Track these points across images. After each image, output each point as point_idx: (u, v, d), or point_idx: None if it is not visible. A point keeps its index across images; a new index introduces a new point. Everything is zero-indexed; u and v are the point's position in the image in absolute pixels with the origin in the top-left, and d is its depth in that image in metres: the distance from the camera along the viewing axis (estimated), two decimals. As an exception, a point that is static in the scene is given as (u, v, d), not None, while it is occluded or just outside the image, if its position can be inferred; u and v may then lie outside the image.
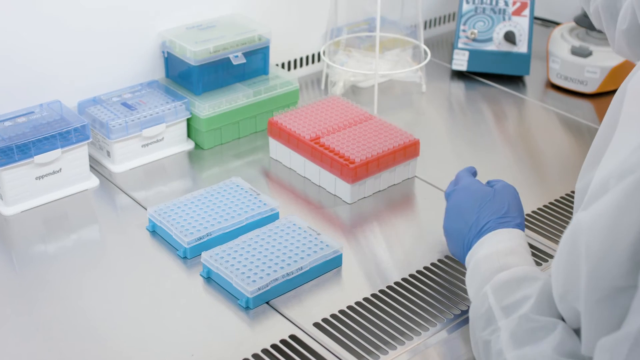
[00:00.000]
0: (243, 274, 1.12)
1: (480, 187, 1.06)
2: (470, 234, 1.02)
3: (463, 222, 1.03)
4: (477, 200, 1.03)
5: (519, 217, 1.02)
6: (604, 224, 0.69)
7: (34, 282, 1.16)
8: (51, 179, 1.32)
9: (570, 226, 0.74)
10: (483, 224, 1.00)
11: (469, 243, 1.02)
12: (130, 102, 1.47)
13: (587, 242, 0.70)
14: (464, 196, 1.05)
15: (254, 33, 1.54)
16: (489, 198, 1.03)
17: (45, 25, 1.40)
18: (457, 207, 1.05)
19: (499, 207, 1.01)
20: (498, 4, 1.79)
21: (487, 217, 1.01)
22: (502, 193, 1.04)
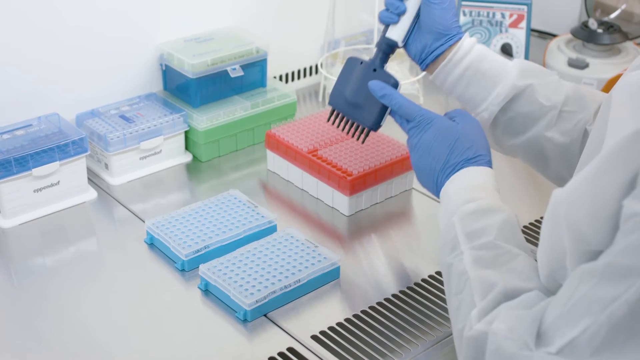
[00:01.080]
0: (241, 286, 1.12)
1: (446, 125, 1.07)
2: (442, 173, 1.04)
3: (434, 161, 1.05)
4: (446, 139, 1.05)
5: (487, 155, 1.05)
6: (582, 197, 0.73)
7: (32, 295, 1.16)
8: (49, 191, 1.33)
9: (550, 204, 0.78)
10: (454, 164, 1.03)
11: (441, 181, 1.04)
12: (128, 114, 1.47)
13: (566, 215, 0.74)
14: (433, 135, 1.06)
15: (252, 46, 1.54)
16: (456, 137, 1.05)
17: (43, 39, 1.41)
18: (426, 145, 1.06)
19: (468, 146, 1.04)
20: (495, 16, 1.79)
21: (456, 157, 1.04)
22: (468, 130, 1.06)
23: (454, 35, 1.15)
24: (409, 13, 1.16)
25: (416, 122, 1.09)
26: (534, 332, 0.77)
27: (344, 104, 1.20)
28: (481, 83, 1.14)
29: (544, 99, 1.13)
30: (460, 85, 1.16)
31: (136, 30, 1.52)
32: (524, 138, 1.14)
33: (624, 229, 0.68)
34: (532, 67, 1.16)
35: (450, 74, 1.15)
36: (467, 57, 1.14)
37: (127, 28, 1.50)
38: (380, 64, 1.18)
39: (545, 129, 1.12)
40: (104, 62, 1.50)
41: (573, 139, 1.11)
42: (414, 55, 1.17)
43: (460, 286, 0.89)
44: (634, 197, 0.67)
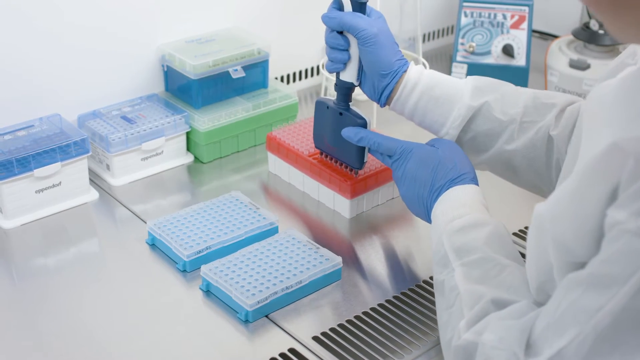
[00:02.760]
0: (242, 287, 1.12)
1: (426, 152, 1.10)
2: (430, 198, 1.06)
3: (421, 188, 1.08)
4: (428, 165, 1.08)
5: (471, 173, 1.07)
6: (565, 212, 0.73)
7: (33, 295, 1.16)
8: (51, 192, 1.33)
9: (533, 219, 0.79)
10: (439, 187, 1.05)
11: (430, 205, 1.07)
12: (130, 115, 1.47)
13: (550, 229, 0.75)
14: (415, 164, 1.09)
15: (253, 47, 1.54)
16: (437, 160, 1.07)
17: (45, 40, 1.41)
18: (411, 174, 1.09)
19: (450, 167, 1.06)
20: (496, 17, 1.79)
21: (441, 179, 1.06)
22: (448, 152, 1.08)
23: (396, 70, 1.16)
24: (353, 57, 1.19)
25: (397, 155, 1.12)
26: (523, 343, 0.77)
27: (327, 147, 1.27)
28: (437, 110, 1.16)
29: (500, 115, 1.14)
30: (417, 115, 1.18)
31: (138, 31, 1.52)
32: (490, 154, 1.16)
33: (607, 238, 0.68)
34: (485, 83, 1.17)
35: (404, 106, 1.18)
36: (417, 88, 1.16)
37: (128, 29, 1.51)
38: (344, 107, 1.22)
39: (507, 143, 1.14)
40: (106, 63, 1.50)
41: (537, 147, 1.12)
42: (370, 96, 1.20)
43: (451, 300, 0.91)
44: (617, 207, 0.67)
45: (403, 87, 1.16)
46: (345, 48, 1.18)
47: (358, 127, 1.19)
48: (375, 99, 1.19)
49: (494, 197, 1.19)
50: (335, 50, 1.18)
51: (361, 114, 1.21)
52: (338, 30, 1.17)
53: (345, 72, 1.20)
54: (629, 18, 0.67)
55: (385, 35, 1.16)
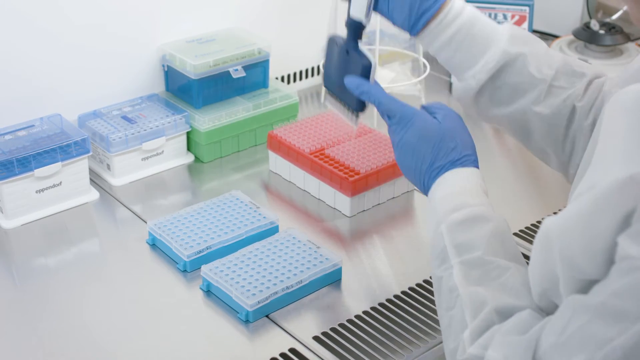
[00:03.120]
0: (243, 287, 1.12)
1: (428, 125, 1.03)
2: (428, 175, 1.01)
3: (419, 162, 1.01)
4: (430, 140, 1.01)
5: (472, 154, 1.02)
6: (575, 230, 0.71)
7: (34, 295, 1.16)
8: (51, 192, 1.33)
9: (540, 232, 0.77)
10: (439, 166, 1.00)
11: (427, 183, 1.01)
12: (130, 115, 1.47)
13: (560, 248, 0.73)
14: (415, 135, 1.02)
15: (254, 47, 1.54)
16: (440, 137, 1.01)
17: (45, 40, 1.41)
18: (409, 145, 1.02)
19: (452, 147, 1.00)
20: (497, 17, 1.79)
21: (442, 159, 1.00)
22: (451, 129, 1.02)
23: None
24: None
25: (397, 119, 1.04)
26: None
27: (333, 85, 1.18)
28: (471, 48, 1.07)
29: (535, 71, 1.07)
30: (448, 50, 1.08)
31: (138, 31, 1.52)
32: (510, 110, 1.09)
33: (618, 268, 0.67)
34: (523, 34, 1.10)
35: (438, 36, 1.07)
36: (459, 19, 1.06)
37: (129, 29, 1.51)
38: (352, 45, 1.13)
39: (533, 103, 1.07)
40: (106, 63, 1.50)
41: (561, 115, 1.07)
42: (402, 22, 1.09)
43: (452, 302, 0.88)
44: (629, 236, 0.66)
45: (446, 13, 1.05)
46: None
47: (361, 79, 1.10)
48: (408, 26, 1.08)
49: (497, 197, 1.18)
50: None
51: (368, 55, 1.11)
52: None
53: (355, 6, 1.11)
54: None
55: None
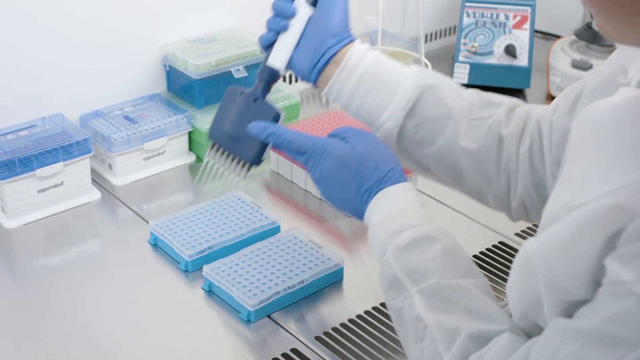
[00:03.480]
0: (244, 287, 1.12)
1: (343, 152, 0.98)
2: (359, 201, 0.97)
3: (346, 191, 0.97)
4: (349, 166, 0.97)
5: (396, 167, 0.97)
6: (557, 252, 0.69)
7: (36, 295, 1.16)
8: (53, 192, 1.33)
9: (521, 255, 0.74)
10: (367, 190, 0.96)
11: (361, 208, 0.97)
12: (132, 115, 1.47)
13: (543, 271, 0.71)
14: (333, 165, 0.98)
15: (256, 47, 1.54)
16: (358, 160, 0.97)
17: (47, 40, 1.41)
18: (331, 177, 0.97)
19: (374, 166, 0.96)
20: (499, 17, 1.79)
21: (367, 181, 0.96)
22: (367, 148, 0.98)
23: (345, 37, 1.03)
24: (292, 35, 1.05)
25: (310, 154, 0.99)
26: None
27: (224, 138, 1.09)
28: (381, 88, 1.02)
29: (450, 102, 1.02)
30: (358, 95, 1.02)
31: (140, 31, 1.52)
32: (435, 148, 1.03)
33: (609, 293, 0.65)
34: (431, 72, 1.06)
35: (346, 82, 1.02)
36: (363, 60, 1.02)
37: (130, 29, 1.51)
38: (261, 94, 1.08)
39: (457, 137, 1.02)
40: (108, 63, 1.50)
41: (488, 147, 1.02)
42: (302, 67, 1.04)
43: (420, 333, 0.85)
44: (617, 259, 0.64)
45: (349, 56, 1.01)
46: (289, 16, 1.04)
47: (266, 122, 1.04)
48: (309, 69, 1.03)
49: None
50: (278, 17, 1.05)
51: (276, 107, 1.07)
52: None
53: (275, 56, 1.06)
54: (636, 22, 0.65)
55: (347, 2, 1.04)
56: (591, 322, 0.66)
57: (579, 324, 0.67)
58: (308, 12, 1.04)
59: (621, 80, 0.83)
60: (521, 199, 1.01)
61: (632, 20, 0.64)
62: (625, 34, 0.67)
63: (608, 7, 0.64)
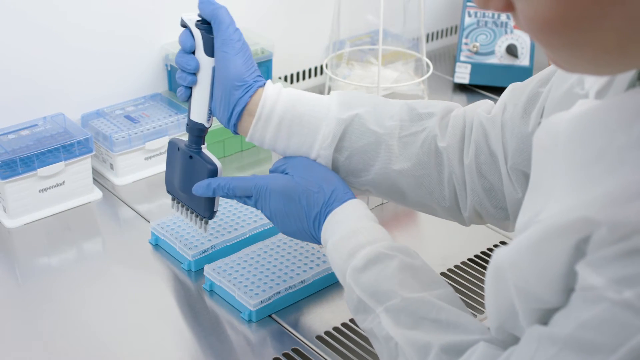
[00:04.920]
0: (246, 287, 1.12)
1: (284, 185, 0.98)
2: (313, 228, 0.97)
3: (298, 222, 0.97)
4: (293, 198, 0.97)
5: (340, 187, 0.96)
6: (526, 260, 0.68)
7: (37, 295, 1.16)
8: (54, 191, 1.33)
9: (491, 265, 0.74)
10: (317, 215, 0.96)
11: (316, 237, 0.97)
12: (134, 115, 1.47)
13: (513, 280, 0.70)
14: (279, 201, 0.98)
15: (257, 46, 1.54)
16: (300, 190, 0.96)
17: (48, 39, 1.41)
18: (280, 212, 0.98)
19: (316, 191, 0.96)
20: (500, 17, 1.79)
21: (314, 207, 0.96)
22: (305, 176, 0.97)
23: (251, 84, 1.00)
24: (202, 88, 1.03)
25: (256, 195, 1.00)
26: None
27: (177, 192, 1.12)
28: (302, 130, 1.00)
29: (376, 127, 1.00)
30: (280, 140, 1.01)
31: (141, 31, 1.52)
32: (371, 176, 1.01)
33: (582, 298, 0.64)
34: (351, 96, 1.03)
35: (265, 131, 1.00)
36: (278, 106, 0.99)
37: (132, 28, 1.51)
38: (195, 149, 1.08)
39: (390, 162, 1.00)
40: (109, 63, 1.50)
41: (425, 163, 0.99)
42: (220, 119, 1.03)
43: (393, 352, 0.85)
44: (588, 265, 0.63)
45: (262, 107, 0.99)
46: (193, 70, 1.02)
47: (208, 179, 1.05)
48: (227, 123, 1.02)
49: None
50: (184, 73, 1.03)
51: (213, 159, 1.07)
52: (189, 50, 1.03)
53: (194, 111, 1.05)
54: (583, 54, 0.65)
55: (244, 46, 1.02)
56: (565, 328, 0.65)
57: (554, 330, 0.66)
58: (210, 62, 1.02)
59: (578, 92, 0.82)
60: (473, 207, 0.99)
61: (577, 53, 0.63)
62: (575, 65, 0.66)
63: (553, 42, 0.63)
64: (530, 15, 0.62)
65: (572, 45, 0.63)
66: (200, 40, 1.03)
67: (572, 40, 0.62)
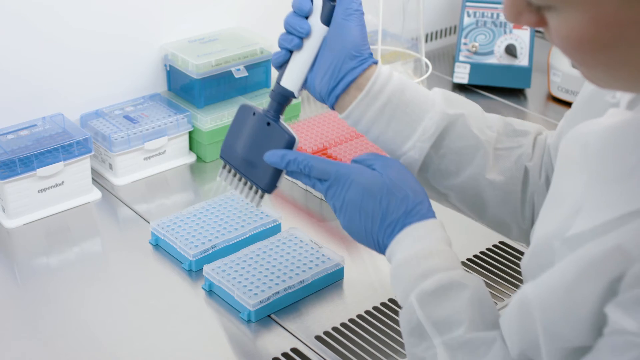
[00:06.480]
0: (245, 287, 1.12)
1: (370, 179, 0.91)
2: (382, 234, 0.90)
3: (368, 222, 0.90)
4: (375, 195, 0.90)
5: (425, 201, 0.90)
6: (557, 301, 0.67)
7: (36, 295, 1.16)
8: (53, 191, 1.33)
9: (519, 301, 0.72)
10: (393, 222, 0.89)
11: (383, 242, 0.90)
12: (133, 115, 1.47)
13: (542, 320, 0.69)
14: (358, 193, 0.91)
15: (256, 46, 1.54)
16: (385, 189, 0.90)
17: (47, 39, 1.41)
18: (354, 205, 0.91)
19: (402, 197, 0.89)
20: (499, 17, 1.79)
21: (393, 212, 0.89)
22: (396, 178, 0.91)
23: (366, 58, 0.95)
24: (306, 55, 0.98)
25: (333, 180, 0.92)
26: None
27: (236, 159, 1.03)
28: (405, 117, 0.95)
29: (478, 132, 0.96)
30: (380, 122, 0.96)
31: (140, 31, 1.52)
32: (460, 180, 0.97)
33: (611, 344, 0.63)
34: (456, 96, 0.99)
35: (368, 109, 0.95)
36: (388, 86, 0.95)
37: (131, 29, 1.51)
38: (274, 117, 1.01)
39: (484, 170, 0.96)
40: (109, 63, 1.50)
41: (515, 179, 0.97)
42: (318, 89, 0.97)
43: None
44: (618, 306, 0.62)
45: (373, 82, 0.94)
46: (304, 35, 0.97)
47: (283, 149, 0.98)
48: (327, 92, 0.96)
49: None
50: (291, 35, 0.98)
51: (291, 130, 1.00)
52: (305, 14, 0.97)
53: (288, 77, 1.00)
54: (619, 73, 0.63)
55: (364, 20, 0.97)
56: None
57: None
58: (323, 30, 0.97)
59: (609, 99, 0.80)
60: None
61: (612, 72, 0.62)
62: (610, 83, 0.65)
63: (588, 61, 0.63)
64: (565, 33, 0.62)
65: (608, 64, 0.62)
66: (320, 6, 0.97)
67: (607, 60, 0.61)
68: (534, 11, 0.64)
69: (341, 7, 0.96)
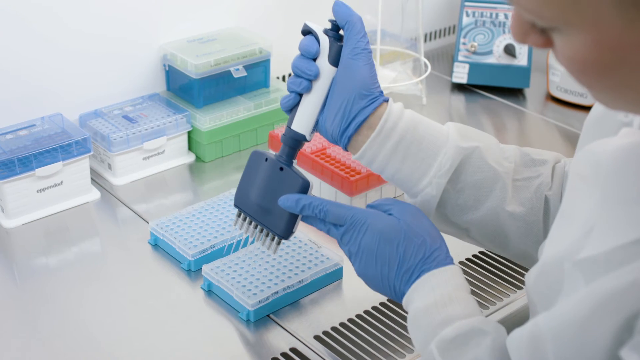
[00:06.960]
0: (244, 287, 1.12)
1: (386, 224, 0.90)
2: (399, 281, 0.89)
3: (385, 268, 0.89)
4: (392, 241, 0.89)
5: (443, 246, 0.89)
6: (571, 335, 0.66)
7: (35, 295, 1.16)
8: (52, 191, 1.33)
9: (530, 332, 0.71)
10: (410, 268, 0.88)
11: (400, 289, 0.89)
12: (132, 115, 1.47)
13: (554, 351, 0.68)
14: (374, 238, 0.90)
15: (255, 46, 1.54)
16: (402, 235, 0.89)
17: (46, 39, 1.41)
18: (370, 251, 0.90)
19: (419, 243, 0.88)
20: (498, 17, 1.79)
21: (411, 259, 0.88)
22: (413, 223, 0.90)
23: (377, 96, 0.94)
24: (316, 97, 0.96)
25: (349, 225, 0.92)
26: None
27: (251, 206, 1.02)
28: (420, 153, 0.94)
29: (495, 164, 0.94)
30: (394, 161, 0.94)
31: (139, 31, 1.52)
32: (480, 214, 0.95)
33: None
34: (469, 129, 0.98)
35: (381, 148, 0.94)
36: (400, 123, 0.94)
37: (130, 29, 1.51)
38: (287, 162, 0.99)
39: (503, 202, 0.94)
40: (108, 63, 1.50)
41: (536, 209, 0.95)
42: (330, 131, 0.96)
43: None
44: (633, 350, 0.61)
45: (385, 120, 0.93)
46: (312, 77, 0.95)
47: (297, 194, 0.97)
48: (339, 133, 0.95)
49: None
50: (300, 78, 0.96)
51: (303, 175, 0.99)
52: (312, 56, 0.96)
53: (299, 121, 0.98)
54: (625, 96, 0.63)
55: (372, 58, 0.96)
56: None
57: None
58: (332, 71, 0.96)
59: (622, 118, 0.78)
60: None
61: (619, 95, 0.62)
62: (618, 105, 0.65)
63: (593, 84, 0.63)
64: (570, 55, 0.61)
65: (613, 87, 0.62)
66: (327, 48, 0.96)
67: (612, 83, 0.61)
68: (539, 32, 0.64)
69: (348, 47, 0.95)
